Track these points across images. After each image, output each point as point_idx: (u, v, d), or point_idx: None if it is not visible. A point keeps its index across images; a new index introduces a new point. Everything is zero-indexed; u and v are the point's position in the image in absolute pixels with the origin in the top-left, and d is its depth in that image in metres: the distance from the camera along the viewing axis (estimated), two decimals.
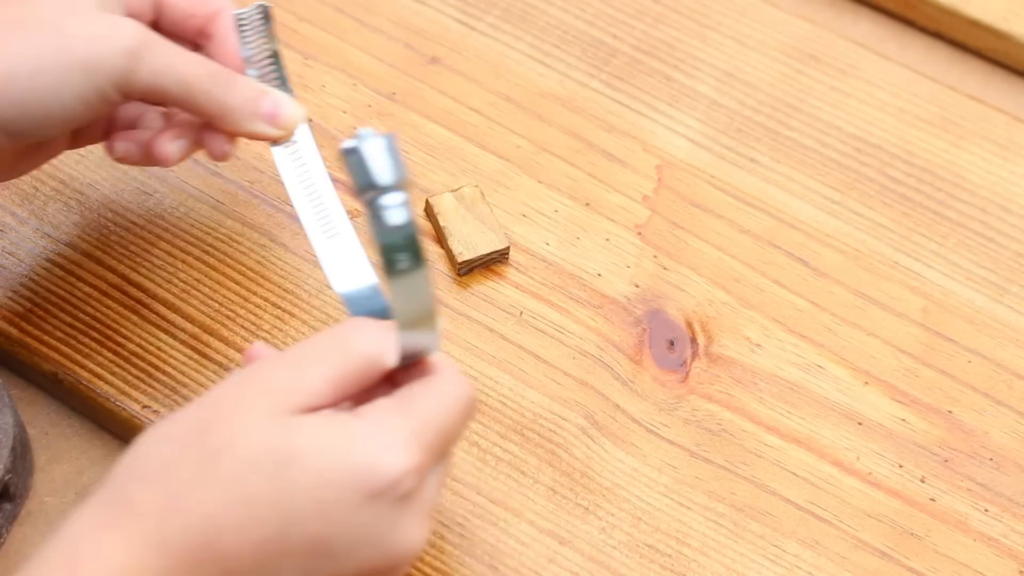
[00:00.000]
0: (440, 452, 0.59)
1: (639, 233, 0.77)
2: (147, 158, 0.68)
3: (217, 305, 0.74)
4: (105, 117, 0.69)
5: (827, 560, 0.69)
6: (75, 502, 0.70)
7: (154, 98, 0.66)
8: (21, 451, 0.69)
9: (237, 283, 0.74)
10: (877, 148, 0.81)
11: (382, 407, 0.58)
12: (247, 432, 0.56)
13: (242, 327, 0.73)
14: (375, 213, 0.54)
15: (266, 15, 0.69)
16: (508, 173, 0.79)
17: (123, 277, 0.74)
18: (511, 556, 0.68)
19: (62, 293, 0.73)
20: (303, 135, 0.69)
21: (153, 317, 0.73)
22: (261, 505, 0.55)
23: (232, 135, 0.68)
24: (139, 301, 0.73)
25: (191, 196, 0.76)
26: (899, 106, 0.83)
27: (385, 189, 0.53)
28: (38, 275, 0.74)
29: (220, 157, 0.68)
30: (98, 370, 0.71)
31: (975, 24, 0.85)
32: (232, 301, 0.74)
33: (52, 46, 0.62)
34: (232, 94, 0.66)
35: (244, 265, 0.75)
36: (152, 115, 0.69)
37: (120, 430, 0.72)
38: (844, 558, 0.69)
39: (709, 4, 0.85)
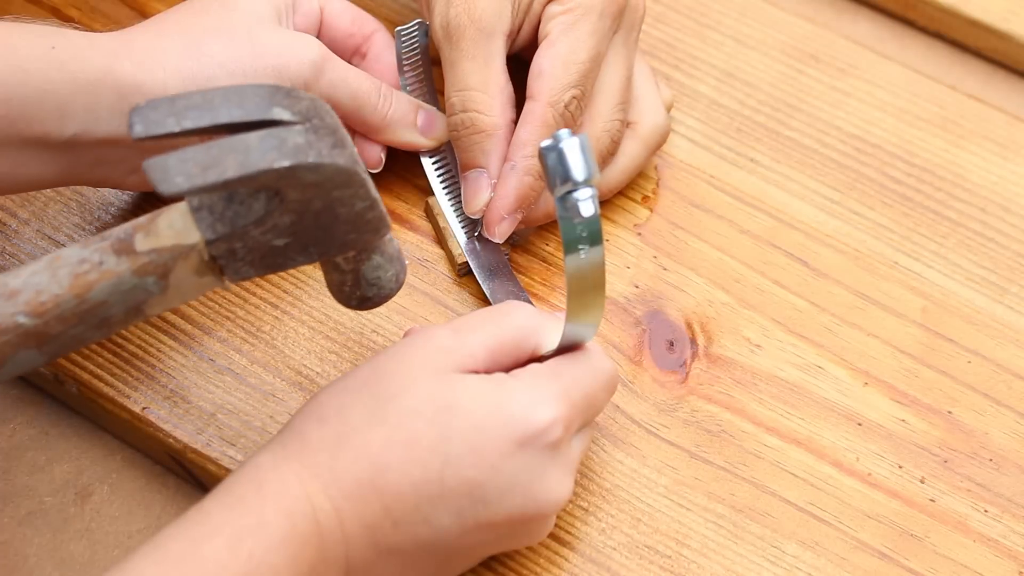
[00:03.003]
0: (584, 415, 0.65)
1: (639, 233, 0.77)
2: None
3: (217, 305, 0.73)
4: None
5: (827, 561, 0.69)
6: (75, 502, 0.70)
7: None
8: None
9: (237, 283, 0.74)
10: (877, 148, 0.81)
11: (535, 370, 0.64)
12: (413, 383, 0.62)
13: (242, 327, 0.73)
14: (569, 205, 0.58)
15: (424, 32, 0.75)
16: None
17: None
18: (511, 556, 0.68)
19: None
20: (448, 145, 0.76)
21: (153, 318, 0.73)
22: (422, 448, 0.61)
23: (387, 144, 0.74)
24: None
25: None
26: (899, 106, 0.83)
27: (578, 184, 0.57)
28: None
29: (375, 164, 0.74)
30: (98, 371, 0.71)
31: (975, 24, 0.85)
32: (232, 301, 0.74)
33: (247, 53, 0.68)
34: (393, 107, 0.73)
35: None
36: None
37: (120, 430, 0.72)
38: (844, 559, 0.69)
39: (709, 4, 0.85)
